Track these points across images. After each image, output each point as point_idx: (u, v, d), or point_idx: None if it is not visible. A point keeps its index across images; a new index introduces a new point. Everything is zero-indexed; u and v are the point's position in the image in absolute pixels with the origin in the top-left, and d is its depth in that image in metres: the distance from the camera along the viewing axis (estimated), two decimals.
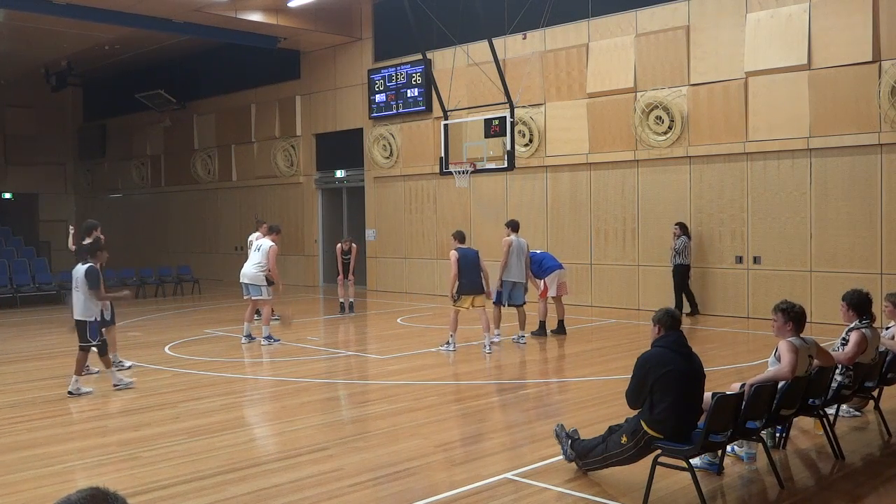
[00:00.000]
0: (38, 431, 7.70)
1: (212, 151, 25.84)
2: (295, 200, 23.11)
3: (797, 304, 6.06)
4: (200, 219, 26.35)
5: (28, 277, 20.39)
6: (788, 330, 5.97)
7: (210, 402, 8.81)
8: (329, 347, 12.26)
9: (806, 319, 6.08)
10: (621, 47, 15.90)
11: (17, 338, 14.36)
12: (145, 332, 14.43)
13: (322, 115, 22.30)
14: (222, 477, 6.10)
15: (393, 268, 20.67)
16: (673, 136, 15.22)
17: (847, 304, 6.96)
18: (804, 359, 5.91)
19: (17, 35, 22.05)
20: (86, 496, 1.99)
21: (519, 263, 12.33)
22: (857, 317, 6.88)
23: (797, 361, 5.80)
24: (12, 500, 5.74)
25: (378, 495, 5.80)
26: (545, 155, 17.22)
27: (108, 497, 2.01)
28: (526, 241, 12.76)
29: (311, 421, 8.25)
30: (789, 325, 5.97)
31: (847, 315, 6.97)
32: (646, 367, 5.42)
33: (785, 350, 5.85)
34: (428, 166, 18.99)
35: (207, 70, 25.42)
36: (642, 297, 15.70)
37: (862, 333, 6.72)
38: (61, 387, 9.69)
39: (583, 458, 5.87)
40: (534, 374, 10.24)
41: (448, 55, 17.88)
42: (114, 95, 28.87)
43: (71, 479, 6.13)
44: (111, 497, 2.01)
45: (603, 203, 16.41)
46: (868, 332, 6.76)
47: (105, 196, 30.85)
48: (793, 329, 5.97)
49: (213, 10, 18.26)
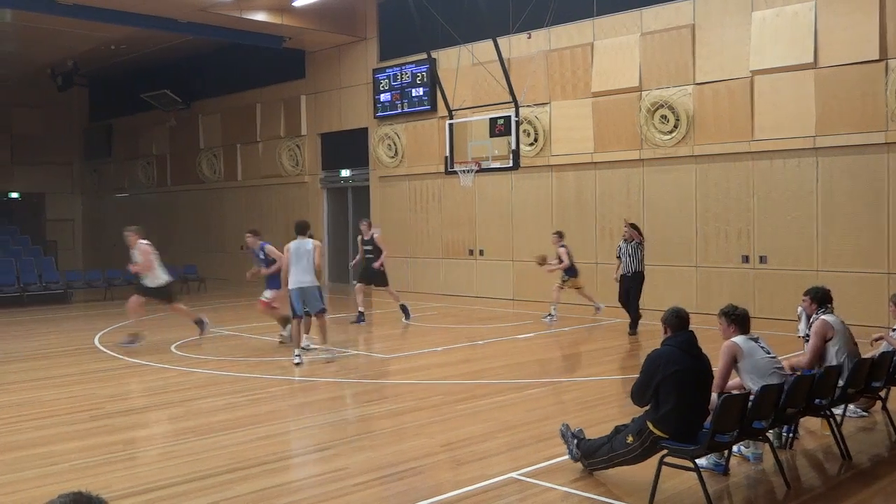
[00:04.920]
0: (43, 430, 7.71)
1: (217, 151, 25.86)
2: (300, 200, 23.12)
3: (739, 308, 6.18)
4: (206, 218, 26.38)
5: (35, 276, 20.46)
6: (732, 332, 6.11)
7: (215, 400, 8.81)
8: (334, 346, 12.24)
9: (750, 321, 6.20)
10: (626, 46, 15.86)
11: (23, 336, 14.39)
12: (151, 331, 14.43)
13: (327, 114, 22.30)
14: (227, 476, 6.10)
15: (398, 267, 20.63)
16: (678, 135, 15.18)
17: (811, 297, 7.37)
18: None
19: (24, 35, 22.09)
20: (70, 500, 1.98)
21: None
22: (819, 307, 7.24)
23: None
24: (16, 499, 5.74)
25: (383, 495, 5.79)
26: (550, 154, 17.19)
27: (92, 501, 1.99)
28: None
29: (315, 420, 8.24)
30: (732, 328, 6.10)
31: (810, 307, 7.37)
32: (654, 366, 5.40)
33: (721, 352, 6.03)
34: (433, 166, 18.97)
35: (213, 70, 25.44)
36: (648, 297, 15.62)
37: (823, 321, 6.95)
38: (66, 385, 9.72)
39: (588, 458, 5.86)
40: (539, 373, 10.21)
41: (453, 54, 17.86)
42: (120, 95, 28.91)
43: (75, 477, 6.13)
44: (94, 501, 2.00)
45: (608, 202, 16.37)
46: (831, 319, 7.00)
47: (111, 196, 30.89)
48: (736, 331, 6.09)
49: (218, 10, 18.27)
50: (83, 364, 11.22)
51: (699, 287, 15.04)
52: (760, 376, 5.83)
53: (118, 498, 5.56)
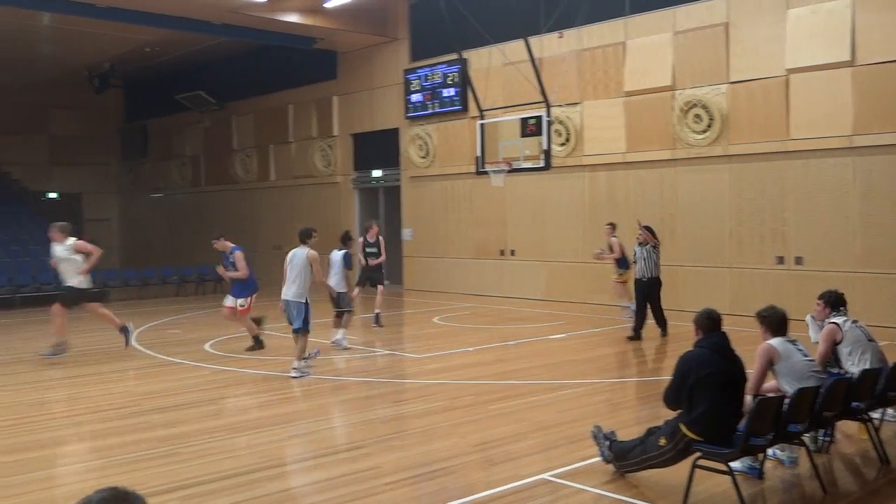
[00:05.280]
0: (81, 427, 7.84)
1: (250, 151, 26.09)
2: (332, 200, 23.24)
3: (776, 309, 6.06)
4: (239, 218, 26.58)
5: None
6: (768, 334, 6.02)
7: (248, 399, 8.89)
8: (366, 346, 12.30)
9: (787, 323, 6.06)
10: (659, 45, 15.74)
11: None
12: (185, 330, 14.62)
13: (359, 115, 22.40)
14: (259, 474, 6.15)
15: (429, 267, 20.70)
16: (712, 134, 15.04)
17: (824, 301, 7.14)
18: None
19: (61, 38, 22.46)
20: (106, 496, 2.00)
21: None
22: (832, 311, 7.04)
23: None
24: (55, 494, 5.84)
25: (414, 494, 5.80)
26: (582, 154, 17.11)
27: (129, 496, 2.02)
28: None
29: (347, 419, 8.29)
30: (768, 330, 6.02)
31: (823, 311, 7.14)
32: (686, 368, 5.36)
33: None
34: (464, 166, 18.97)
35: (246, 71, 25.66)
36: (681, 298, 15.50)
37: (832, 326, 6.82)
38: (103, 383, 9.85)
39: (620, 460, 5.83)
40: (571, 374, 10.18)
41: (484, 54, 17.85)
42: (155, 97, 29.28)
43: (112, 473, 6.22)
44: (131, 496, 2.03)
45: (641, 203, 16.25)
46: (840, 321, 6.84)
47: (147, 196, 31.30)
48: (772, 333, 5.98)
49: (251, 12, 18.42)
50: (120, 362, 11.38)
51: (733, 288, 14.89)
52: (797, 379, 5.75)
53: (153, 494, 5.63)
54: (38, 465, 6.57)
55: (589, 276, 16.62)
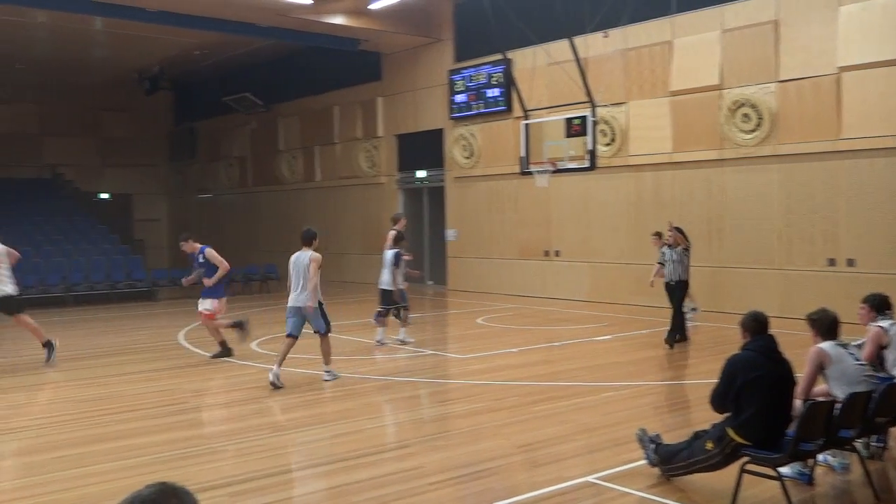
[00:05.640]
0: (129, 423, 7.99)
1: (296, 152, 26.38)
2: (376, 201, 23.37)
3: (828, 312, 5.88)
4: (285, 218, 26.88)
5: (123, 274, 21.23)
6: (818, 337, 5.85)
7: (294, 397, 8.98)
8: (410, 346, 12.34)
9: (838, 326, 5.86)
10: (706, 44, 15.54)
11: (112, 332, 14.94)
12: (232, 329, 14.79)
13: (403, 115, 22.49)
14: (305, 472, 6.22)
15: (473, 268, 20.70)
16: (761, 134, 14.80)
17: (868, 305, 6.87)
18: None
19: (113, 42, 22.94)
20: (155, 491, 2.05)
21: None
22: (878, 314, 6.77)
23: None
24: (103, 489, 5.96)
25: (459, 494, 5.81)
26: (627, 154, 16.97)
27: (177, 491, 2.06)
28: None
29: (392, 418, 8.34)
30: (818, 333, 5.84)
31: (869, 314, 6.85)
32: (733, 371, 5.28)
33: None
34: (508, 166, 18.93)
35: (292, 73, 25.94)
36: (727, 301, 15.29)
37: (877, 329, 6.59)
38: (151, 380, 10.03)
39: (666, 464, 5.77)
40: (616, 376, 10.10)
41: (528, 55, 17.80)
42: (203, 99, 29.75)
43: (159, 469, 6.33)
44: (179, 492, 2.07)
45: (687, 203, 16.07)
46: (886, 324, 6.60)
47: (195, 196, 31.81)
48: (822, 336, 5.81)
49: (297, 14, 18.61)
50: (168, 360, 11.58)
51: (782, 291, 14.63)
52: (849, 384, 5.63)
53: (200, 490, 5.72)
54: (87, 460, 6.72)
55: (634, 278, 16.46)
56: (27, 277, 19.88)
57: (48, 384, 10.01)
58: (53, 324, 16.31)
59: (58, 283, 19.97)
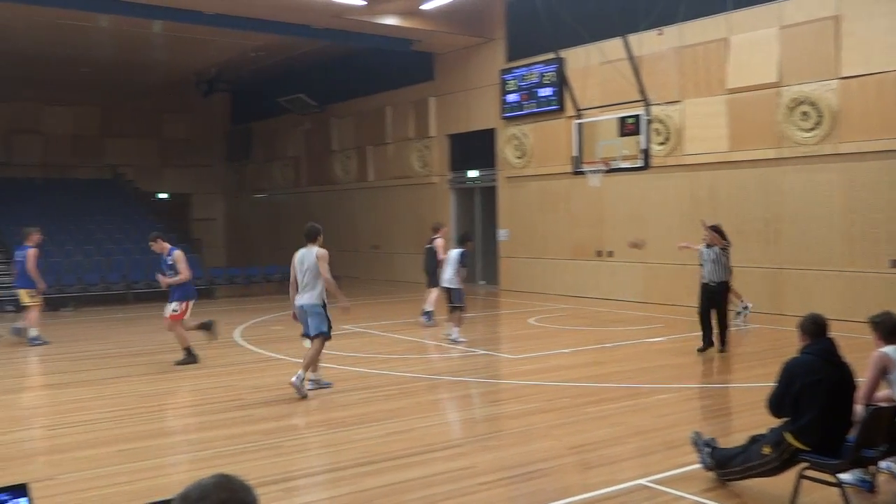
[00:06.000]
0: (188, 418, 8.17)
1: (349, 153, 26.62)
2: (428, 200, 23.45)
3: (891, 315, 5.55)
4: (338, 218, 27.14)
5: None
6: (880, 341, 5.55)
7: (347, 395, 9.07)
8: (462, 346, 12.37)
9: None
10: (764, 40, 15.25)
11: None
12: (287, 327, 14.99)
13: (455, 115, 22.54)
14: (358, 469, 6.28)
15: (525, 268, 20.64)
16: (821, 132, 14.48)
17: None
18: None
19: (172, 45, 23.44)
20: (217, 481, 2.10)
21: None
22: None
23: None
24: (165, 482, 6.10)
25: (510, 494, 5.82)
26: (682, 154, 16.75)
27: (233, 485, 2.12)
28: None
29: (444, 417, 8.37)
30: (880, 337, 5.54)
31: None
32: (791, 375, 5.19)
33: None
34: (560, 166, 18.82)
35: (345, 74, 26.17)
36: (786, 301, 15.00)
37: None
38: (210, 376, 10.22)
39: (722, 468, 5.69)
40: (669, 378, 9.99)
41: (581, 53, 17.69)
42: (258, 100, 30.19)
43: (218, 464, 6.45)
44: (236, 485, 2.12)
45: (744, 203, 15.79)
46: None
47: (250, 196, 32.31)
48: (885, 340, 5.51)
49: (351, 16, 18.78)
50: (225, 357, 11.79)
51: (843, 293, 14.28)
52: None
53: (256, 485, 5.80)
54: (148, 453, 6.88)
55: (688, 279, 16.21)
56: (89, 275, 20.46)
57: (110, 379, 10.28)
58: (115, 321, 16.75)
59: (119, 281, 20.46)
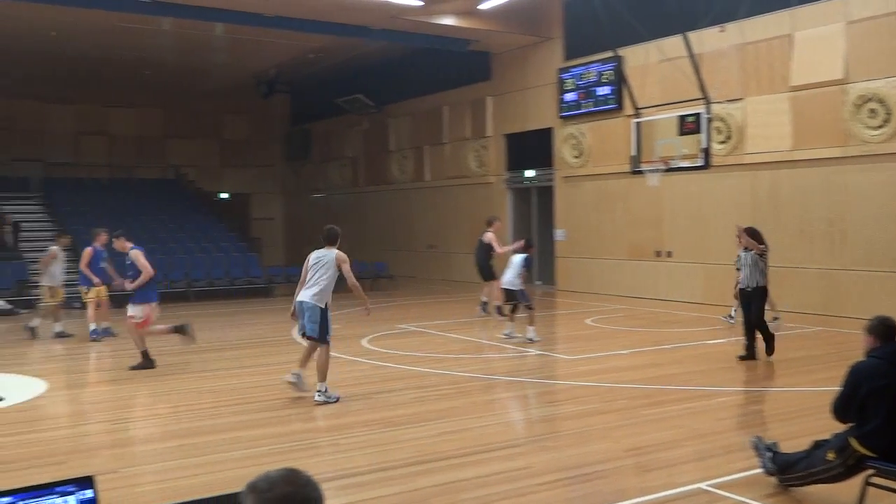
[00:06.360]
0: (246, 414, 8.29)
1: (406, 153, 26.76)
2: (485, 200, 23.42)
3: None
4: (395, 218, 27.34)
5: (241, 271, 22.08)
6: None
7: (402, 394, 9.13)
8: (517, 346, 12.34)
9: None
10: (829, 36, 14.88)
11: (231, 326, 15.52)
12: (344, 325, 15.15)
13: (512, 115, 22.48)
14: (413, 468, 6.31)
15: (582, 268, 20.49)
16: (889, 130, 14.06)
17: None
18: None
19: (233, 47, 23.86)
20: (283, 475, 2.19)
21: None
22: None
23: None
24: (222, 477, 6.21)
25: (568, 496, 5.78)
26: (743, 152, 16.43)
27: (300, 479, 2.19)
28: None
29: (499, 417, 8.36)
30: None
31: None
32: (857, 379, 5.05)
33: None
34: (618, 165, 18.63)
35: (402, 74, 26.32)
36: (851, 304, 14.60)
37: None
38: (266, 374, 10.37)
39: (783, 473, 5.57)
40: (730, 381, 9.81)
41: (640, 51, 17.48)
42: (317, 101, 30.56)
43: (274, 461, 6.54)
44: (303, 479, 2.20)
45: (808, 203, 15.43)
46: None
47: (308, 196, 32.71)
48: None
49: (408, 16, 18.87)
50: (282, 354, 11.93)
51: None
52: None
53: None
54: (206, 449, 7.02)
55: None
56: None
57: (170, 376, 10.51)
58: (176, 318, 17.09)
59: (180, 279, 20.91)
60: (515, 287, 12.63)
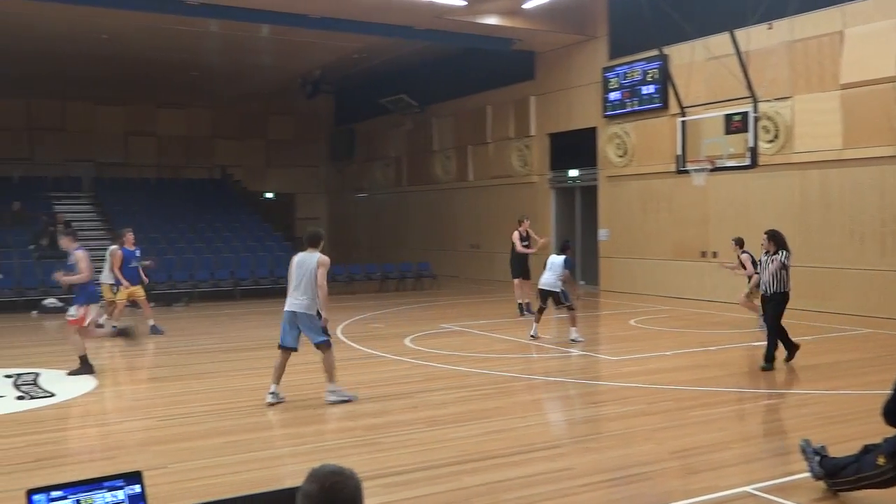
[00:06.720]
0: (290, 412, 8.39)
1: (449, 152, 26.80)
2: (528, 200, 23.35)
3: None
4: (438, 217, 27.40)
5: (286, 270, 22.16)
6: None
7: (445, 394, 9.16)
8: (560, 346, 12.31)
9: None
10: (882, 32, 14.56)
11: (275, 325, 15.61)
12: (387, 324, 15.26)
13: (556, 114, 22.38)
14: (456, 467, 6.33)
15: (626, 268, 20.33)
16: None
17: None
18: None
19: (278, 48, 24.13)
20: (332, 469, 2.32)
21: None
22: None
23: None
24: (269, 473, 6.30)
25: (611, 497, 5.76)
26: (792, 151, 16.16)
27: (345, 476, 2.30)
28: None
29: (543, 418, 8.35)
30: None
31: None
32: None
33: None
34: (663, 165, 18.44)
35: (446, 74, 26.36)
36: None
37: None
38: (310, 372, 10.47)
39: (832, 477, 5.48)
40: (779, 383, 9.67)
41: (685, 50, 17.29)
42: (361, 101, 30.77)
43: (317, 458, 6.60)
44: (347, 475, 2.31)
45: (858, 203, 15.12)
46: None
47: (352, 195, 32.95)
48: None
49: (452, 16, 18.90)
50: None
51: None
52: None
53: None
54: (252, 446, 7.11)
55: (797, 281, 15.66)
56: (200, 272, 21.27)
57: (215, 373, 10.67)
58: (223, 316, 17.37)
59: (227, 278, 21.20)
60: (556, 288, 12.50)
